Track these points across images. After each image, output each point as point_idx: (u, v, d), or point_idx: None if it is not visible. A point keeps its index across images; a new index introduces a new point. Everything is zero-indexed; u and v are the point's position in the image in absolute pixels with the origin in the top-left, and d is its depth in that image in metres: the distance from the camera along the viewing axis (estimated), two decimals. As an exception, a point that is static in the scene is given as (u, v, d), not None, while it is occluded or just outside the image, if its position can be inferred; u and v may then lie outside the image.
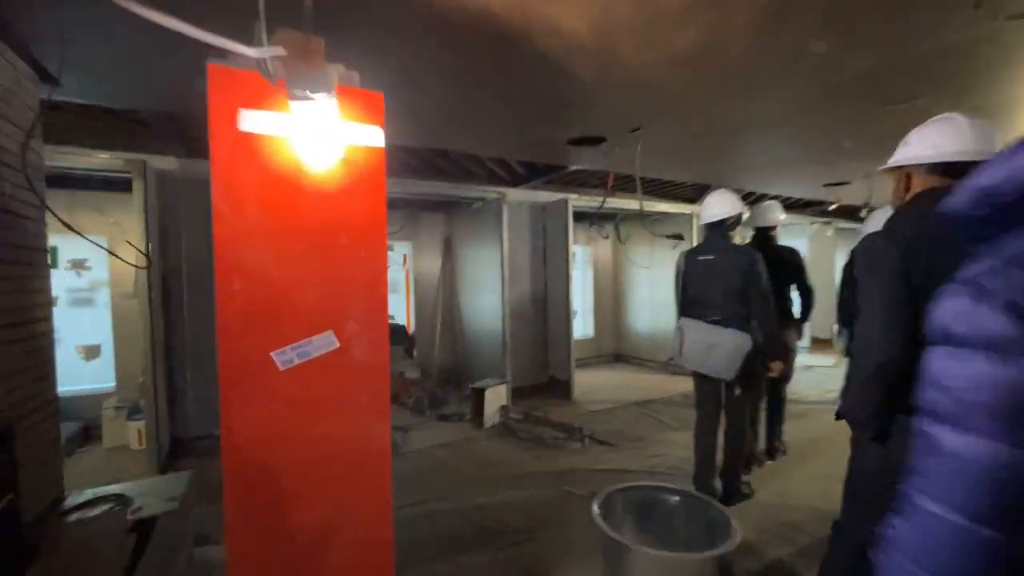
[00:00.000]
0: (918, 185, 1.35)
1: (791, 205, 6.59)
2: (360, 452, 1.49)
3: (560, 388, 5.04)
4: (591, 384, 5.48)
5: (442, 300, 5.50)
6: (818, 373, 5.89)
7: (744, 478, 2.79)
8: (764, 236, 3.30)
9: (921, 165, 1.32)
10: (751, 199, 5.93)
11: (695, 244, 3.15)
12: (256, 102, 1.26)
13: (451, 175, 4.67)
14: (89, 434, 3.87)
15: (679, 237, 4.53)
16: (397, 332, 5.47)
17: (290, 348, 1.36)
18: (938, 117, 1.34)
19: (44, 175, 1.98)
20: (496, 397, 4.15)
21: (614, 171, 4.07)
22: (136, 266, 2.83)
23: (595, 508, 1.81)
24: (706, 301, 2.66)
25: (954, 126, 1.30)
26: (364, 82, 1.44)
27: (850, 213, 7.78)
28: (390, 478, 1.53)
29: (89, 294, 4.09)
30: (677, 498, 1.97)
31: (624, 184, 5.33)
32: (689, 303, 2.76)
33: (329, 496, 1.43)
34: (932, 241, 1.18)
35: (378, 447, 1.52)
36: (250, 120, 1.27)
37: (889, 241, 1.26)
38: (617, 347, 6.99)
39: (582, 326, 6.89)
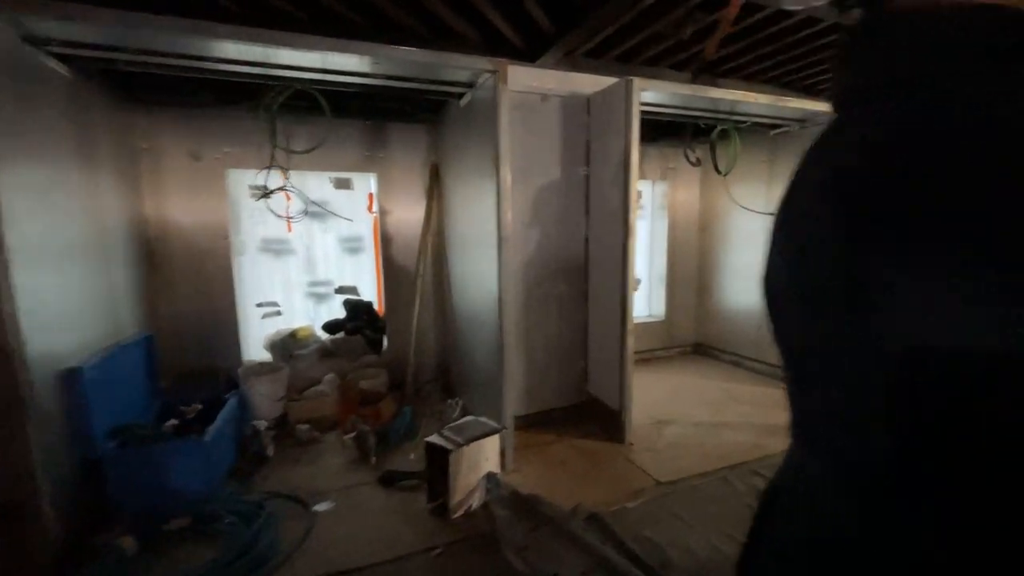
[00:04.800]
0: None
1: None
2: None
3: (605, 419, 2.99)
4: (659, 405, 3.38)
5: (427, 264, 3.53)
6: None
7: None
8: None
9: None
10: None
11: None
12: None
13: (424, 40, 2.54)
14: None
15: None
16: (359, 312, 3.62)
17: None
18: None
19: None
20: (478, 457, 2.20)
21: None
22: None
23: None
24: None
25: None
26: None
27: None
28: None
29: None
30: None
31: (737, 64, 2.90)
32: None
33: None
34: None
35: None
36: None
37: None
38: (701, 335, 4.73)
39: (647, 302, 4.69)
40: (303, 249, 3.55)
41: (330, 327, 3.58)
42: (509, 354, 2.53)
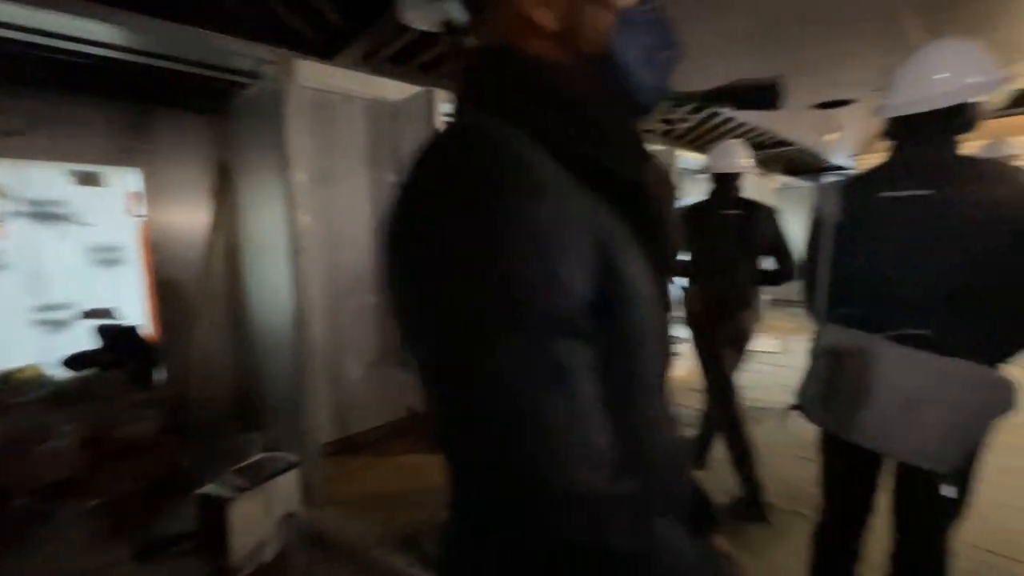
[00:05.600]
0: None
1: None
2: None
3: (423, 429, 2.95)
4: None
5: (217, 277, 3.01)
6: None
7: None
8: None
9: None
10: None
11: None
12: None
13: (206, 20, 2.11)
14: None
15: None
16: (118, 341, 2.90)
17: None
18: None
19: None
20: (270, 500, 1.93)
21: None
22: None
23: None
24: (895, 294, 1.10)
25: None
26: None
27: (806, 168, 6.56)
28: None
29: None
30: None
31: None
32: (854, 293, 1.19)
33: None
34: None
35: None
36: None
37: None
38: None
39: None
40: (25, 262, 2.69)
41: (76, 361, 2.78)
42: (313, 374, 2.30)
